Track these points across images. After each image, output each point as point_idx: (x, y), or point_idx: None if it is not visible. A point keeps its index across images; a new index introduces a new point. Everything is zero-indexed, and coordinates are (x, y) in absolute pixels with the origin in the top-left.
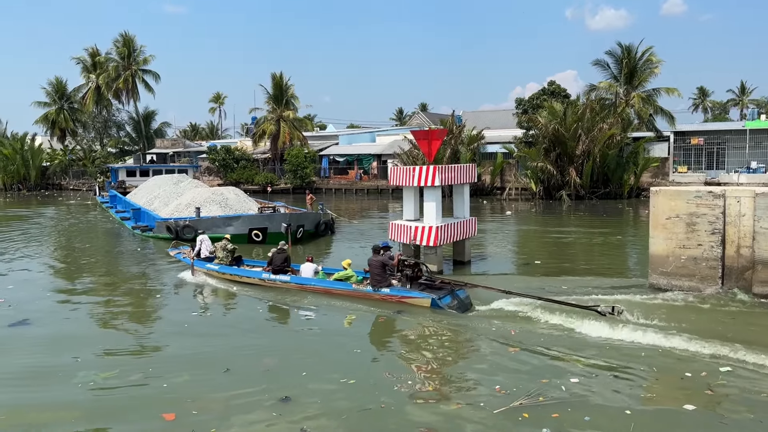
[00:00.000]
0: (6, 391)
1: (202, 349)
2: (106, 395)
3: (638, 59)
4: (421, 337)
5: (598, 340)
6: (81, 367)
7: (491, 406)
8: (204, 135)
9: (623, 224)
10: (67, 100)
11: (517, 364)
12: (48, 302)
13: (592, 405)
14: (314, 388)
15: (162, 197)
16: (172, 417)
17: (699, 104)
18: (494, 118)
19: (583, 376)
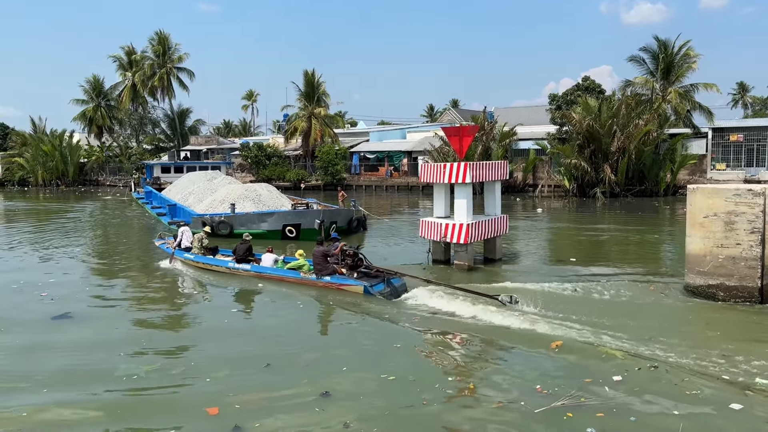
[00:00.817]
0: (51, 383)
1: (241, 344)
2: (149, 388)
3: (675, 54)
4: (459, 334)
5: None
6: (123, 360)
7: (532, 405)
8: (237, 132)
9: (659, 222)
10: (104, 97)
11: (556, 362)
12: (88, 296)
13: (637, 405)
14: (354, 384)
15: (196, 193)
16: (215, 411)
17: (738, 100)
18: (527, 115)
19: (626, 374)
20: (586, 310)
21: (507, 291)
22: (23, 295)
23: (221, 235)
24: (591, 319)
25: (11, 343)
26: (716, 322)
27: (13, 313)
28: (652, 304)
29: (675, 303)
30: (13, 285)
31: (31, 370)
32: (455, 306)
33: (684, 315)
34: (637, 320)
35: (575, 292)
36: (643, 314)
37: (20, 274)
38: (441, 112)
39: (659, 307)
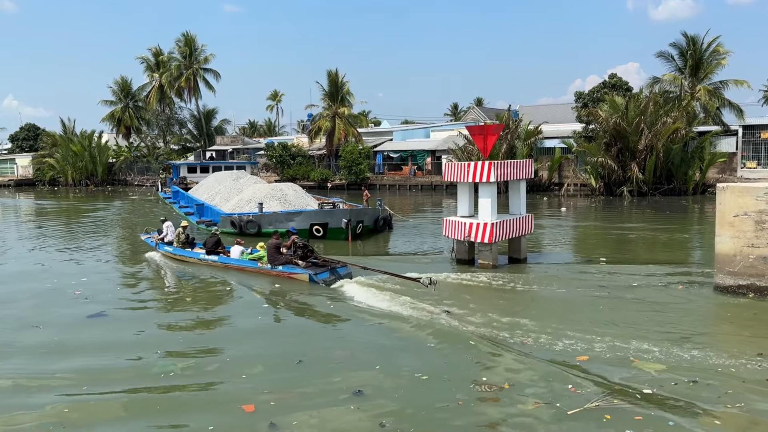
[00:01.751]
0: (89, 380)
1: (273, 342)
2: (186, 385)
3: (704, 50)
4: (491, 333)
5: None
6: (159, 357)
7: (567, 406)
8: (262, 132)
9: (688, 222)
10: (132, 98)
11: (587, 367)
12: (119, 294)
13: (674, 407)
14: (387, 383)
15: (223, 193)
16: (251, 408)
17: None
18: (552, 113)
19: (659, 376)
20: (615, 315)
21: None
22: (58, 294)
23: (249, 234)
24: (621, 323)
25: (51, 340)
26: (749, 323)
27: (51, 312)
28: (681, 305)
29: (705, 303)
30: (47, 284)
31: (69, 368)
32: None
33: (715, 315)
34: (668, 323)
35: (604, 295)
36: (674, 316)
37: (53, 273)
38: (465, 111)
39: (689, 308)
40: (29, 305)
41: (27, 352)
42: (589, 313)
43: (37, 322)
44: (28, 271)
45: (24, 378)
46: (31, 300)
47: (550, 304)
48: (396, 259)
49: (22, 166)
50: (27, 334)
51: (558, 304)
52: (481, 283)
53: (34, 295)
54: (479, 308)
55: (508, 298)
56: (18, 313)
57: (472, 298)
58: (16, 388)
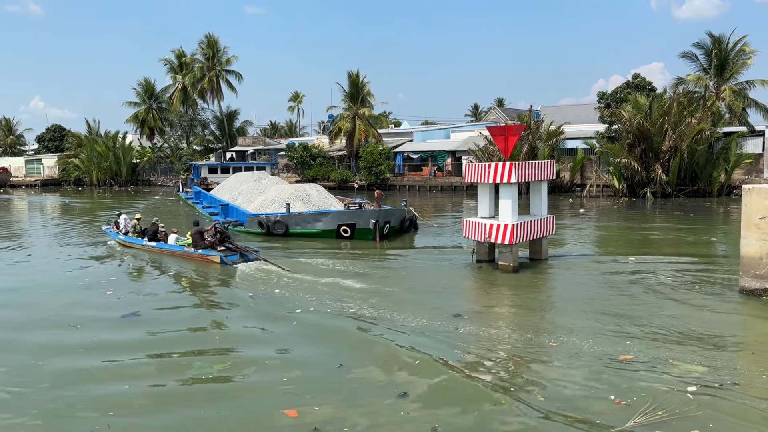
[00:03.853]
0: (127, 380)
1: (311, 344)
2: (224, 388)
3: (730, 50)
4: (511, 336)
5: None
6: (196, 357)
7: (614, 421)
8: (283, 133)
9: (713, 224)
10: (155, 100)
11: (625, 371)
12: (150, 294)
13: (725, 419)
14: (431, 386)
15: (245, 193)
16: (294, 414)
17: None
18: (575, 113)
19: (704, 382)
20: (643, 316)
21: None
22: (91, 292)
23: (277, 235)
24: (650, 324)
25: (90, 340)
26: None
27: (86, 312)
28: (709, 307)
29: (732, 306)
30: (79, 282)
31: (103, 367)
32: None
33: (744, 318)
34: (697, 325)
35: (629, 296)
36: (702, 318)
37: (84, 272)
38: (486, 112)
39: (717, 310)
40: (64, 304)
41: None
42: (613, 315)
43: (74, 321)
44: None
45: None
46: (65, 298)
47: (574, 304)
48: (417, 258)
49: (48, 166)
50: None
51: (582, 304)
52: (502, 284)
53: (69, 294)
54: (498, 311)
55: (528, 300)
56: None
57: (494, 298)
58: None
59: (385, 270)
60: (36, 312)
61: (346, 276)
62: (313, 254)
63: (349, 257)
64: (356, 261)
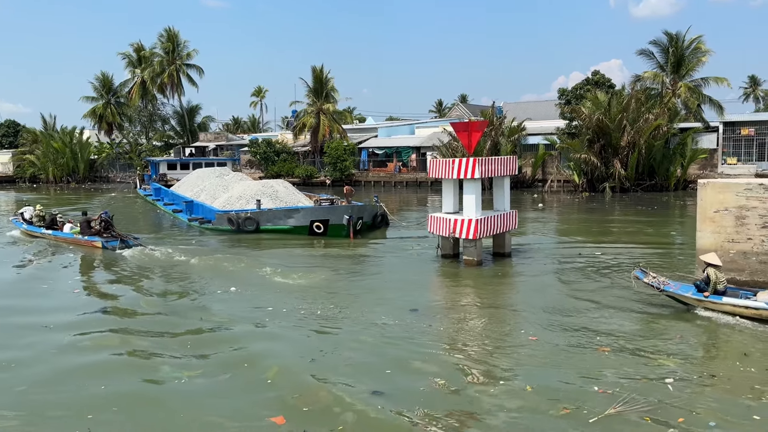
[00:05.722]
0: (102, 380)
1: (274, 343)
2: (199, 396)
3: (685, 48)
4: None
5: None
6: (164, 362)
7: (597, 409)
8: (246, 128)
9: (670, 218)
10: (113, 94)
11: (605, 361)
12: (117, 294)
13: (707, 408)
14: (404, 383)
15: (208, 190)
16: (281, 421)
17: (750, 93)
18: (536, 109)
19: (680, 373)
20: (613, 310)
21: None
22: (55, 291)
23: (247, 231)
24: (622, 318)
25: (60, 342)
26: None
27: (58, 311)
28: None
29: None
30: (44, 285)
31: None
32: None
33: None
34: (664, 318)
35: (587, 288)
36: (666, 311)
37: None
38: (450, 108)
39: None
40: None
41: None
42: (581, 308)
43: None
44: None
45: None
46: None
47: (539, 297)
48: (384, 253)
49: (1, 163)
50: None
51: (547, 297)
52: (466, 278)
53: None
54: (466, 305)
55: (491, 293)
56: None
57: (456, 292)
58: None
59: (350, 266)
60: None
61: (311, 272)
62: (282, 251)
63: (316, 254)
64: (320, 258)
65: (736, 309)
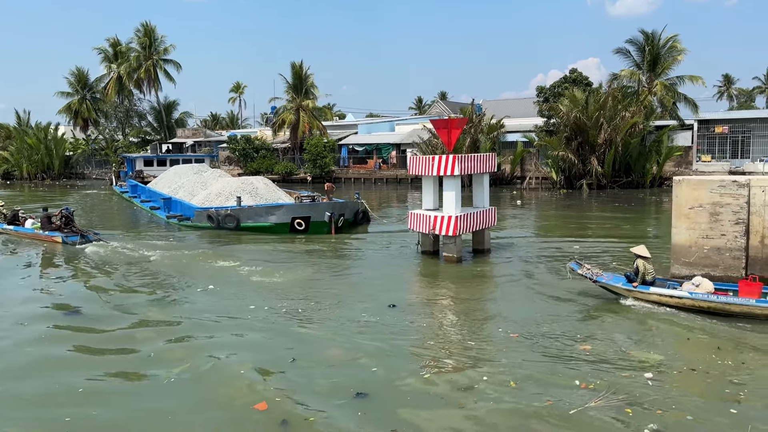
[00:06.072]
0: (80, 373)
1: (265, 337)
2: (189, 391)
3: (661, 46)
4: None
5: None
6: (153, 361)
7: (579, 402)
8: (224, 125)
9: (645, 214)
10: (89, 90)
11: (587, 359)
12: (87, 292)
13: (686, 401)
14: (388, 382)
15: (186, 187)
16: (264, 407)
17: (724, 92)
18: (515, 107)
19: (659, 367)
20: (591, 308)
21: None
22: (24, 287)
23: (227, 229)
24: (601, 314)
25: (29, 337)
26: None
27: (20, 309)
28: None
29: None
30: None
31: (61, 355)
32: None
33: None
34: (642, 314)
35: (573, 285)
36: (645, 306)
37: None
38: (429, 105)
39: None
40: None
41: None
42: (558, 303)
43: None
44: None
45: None
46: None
47: (517, 294)
48: (364, 250)
49: None
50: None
51: (526, 294)
52: (445, 274)
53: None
54: (447, 302)
55: (470, 289)
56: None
57: (435, 289)
58: None
59: (332, 263)
60: None
61: (292, 269)
62: (262, 248)
63: (298, 251)
64: (302, 255)
65: (662, 298)
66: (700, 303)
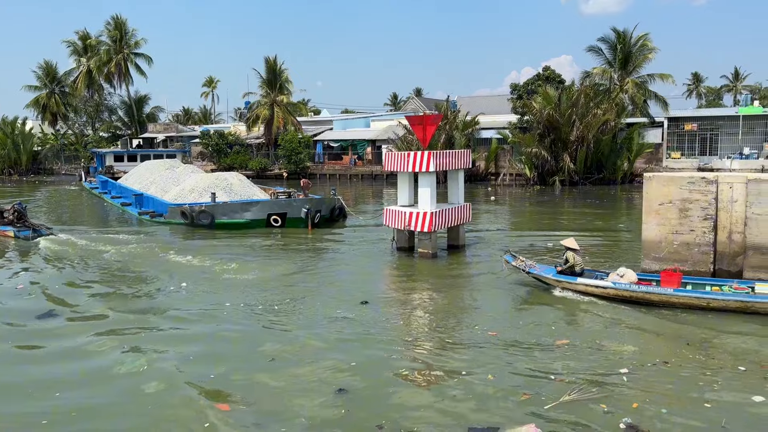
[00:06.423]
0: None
1: (242, 334)
2: (152, 386)
3: (633, 45)
4: (445, 322)
5: None
6: (122, 357)
7: (554, 395)
8: (197, 120)
9: (617, 210)
10: (57, 83)
11: (563, 354)
12: (63, 292)
13: (660, 395)
14: (367, 378)
15: (158, 183)
16: (226, 407)
17: (693, 90)
18: (489, 104)
19: (634, 361)
20: (564, 302)
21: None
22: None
23: (201, 225)
24: (573, 307)
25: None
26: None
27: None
28: None
29: None
30: None
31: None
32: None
33: None
34: (611, 309)
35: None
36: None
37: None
38: (405, 101)
39: None
40: None
41: None
42: (534, 297)
43: None
44: None
45: None
46: None
47: (493, 290)
48: (342, 245)
49: None
50: None
51: (501, 290)
52: (420, 270)
53: None
54: (423, 298)
55: (450, 286)
56: None
57: (410, 284)
58: None
59: (308, 259)
60: None
61: (268, 266)
62: (238, 244)
63: (274, 248)
64: (278, 251)
65: (587, 288)
66: (622, 293)
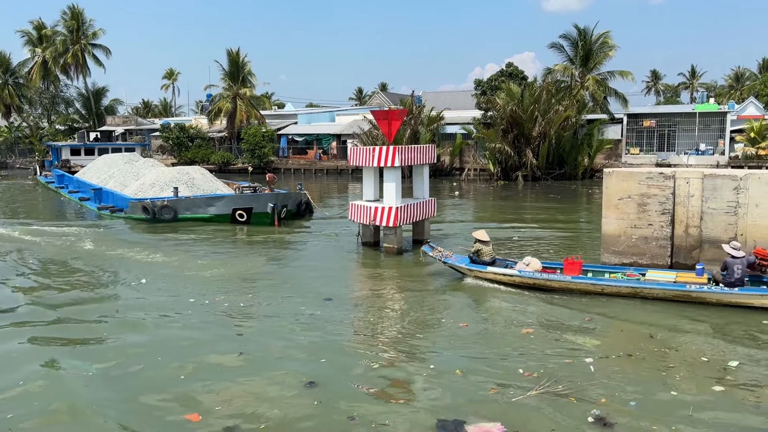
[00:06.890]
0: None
1: (208, 331)
2: (109, 390)
3: (594, 42)
4: (411, 316)
5: None
6: (72, 355)
7: (522, 390)
8: (157, 112)
9: (578, 204)
10: (11, 74)
11: (528, 345)
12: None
13: (629, 389)
14: (335, 372)
15: (117, 177)
16: (196, 418)
17: (652, 87)
18: (454, 99)
19: (599, 353)
20: (527, 296)
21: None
22: None
23: (164, 221)
24: (539, 300)
25: None
26: None
27: None
28: None
29: None
30: None
31: None
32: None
33: None
34: (575, 301)
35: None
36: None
37: None
38: (370, 96)
39: None
40: None
41: None
42: (498, 288)
43: None
44: None
45: None
46: None
47: (461, 281)
48: (309, 240)
49: None
50: None
51: (468, 281)
52: (385, 265)
53: None
54: (389, 293)
55: (416, 281)
56: None
57: (384, 280)
58: None
59: (274, 255)
60: None
61: (233, 262)
62: (202, 240)
63: (239, 243)
64: (243, 247)
65: (496, 276)
66: (526, 280)
